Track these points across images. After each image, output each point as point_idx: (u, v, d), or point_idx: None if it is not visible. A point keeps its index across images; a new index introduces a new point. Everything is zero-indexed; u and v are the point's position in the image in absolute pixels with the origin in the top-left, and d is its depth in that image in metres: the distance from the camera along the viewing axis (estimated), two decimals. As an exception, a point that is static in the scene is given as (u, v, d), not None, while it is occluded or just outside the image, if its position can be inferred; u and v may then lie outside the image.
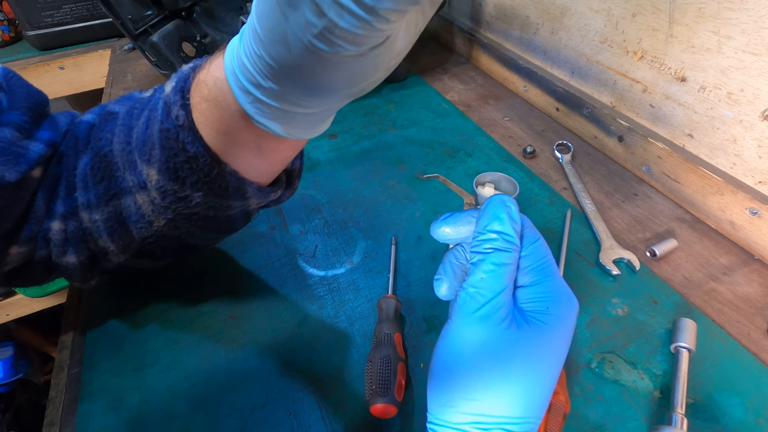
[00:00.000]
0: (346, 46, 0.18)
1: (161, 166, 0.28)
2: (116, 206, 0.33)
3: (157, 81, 0.86)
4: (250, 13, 0.21)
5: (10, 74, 0.35)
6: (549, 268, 0.24)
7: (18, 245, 0.34)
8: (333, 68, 0.20)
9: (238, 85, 0.24)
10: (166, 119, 0.27)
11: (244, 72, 0.23)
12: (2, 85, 0.34)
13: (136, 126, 0.30)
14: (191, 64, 0.29)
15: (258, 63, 0.22)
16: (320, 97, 0.23)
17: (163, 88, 0.29)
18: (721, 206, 0.45)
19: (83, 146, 0.34)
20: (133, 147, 0.30)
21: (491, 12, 0.78)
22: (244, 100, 0.24)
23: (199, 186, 0.29)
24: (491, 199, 0.25)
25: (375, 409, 0.31)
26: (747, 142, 0.43)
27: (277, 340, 0.39)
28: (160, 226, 0.33)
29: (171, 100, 0.27)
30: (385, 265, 0.45)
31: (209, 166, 0.28)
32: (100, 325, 0.42)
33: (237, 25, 0.58)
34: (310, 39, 0.18)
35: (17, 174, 0.31)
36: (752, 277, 0.42)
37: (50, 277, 0.38)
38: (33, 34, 1.06)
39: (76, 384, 0.37)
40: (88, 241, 0.35)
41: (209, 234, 0.36)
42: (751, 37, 0.39)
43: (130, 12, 0.72)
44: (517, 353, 0.22)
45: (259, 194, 0.31)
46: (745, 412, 0.32)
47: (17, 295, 1.15)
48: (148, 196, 0.31)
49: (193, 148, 0.27)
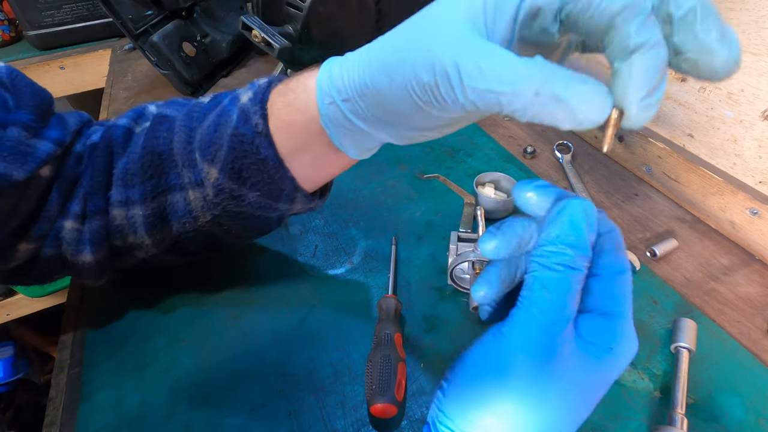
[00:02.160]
0: (455, 113, 0.22)
1: (225, 166, 0.32)
2: (161, 202, 0.35)
3: (157, 81, 0.86)
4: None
5: (15, 73, 0.35)
6: (627, 304, 0.21)
7: (27, 242, 0.35)
8: (430, 117, 0.24)
9: (328, 99, 0.27)
10: (243, 125, 0.31)
11: (339, 88, 0.26)
12: (7, 84, 0.34)
13: (200, 128, 0.33)
14: (266, 79, 0.32)
15: (359, 86, 0.25)
16: (405, 131, 0.26)
17: (236, 97, 0.33)
18: (722, 206, 0.45)
19: (121, 149, 0.36)
20: (194, 147, 0.33)
21: (491, 12, 0.78)
22: (328, 111, 0.27)
23: (258, 186, 0.32)
24: (570, 203, 0.21)
25: (375, 409, 0.31)
26: (747, 142, 0.43)
27: (277, 339, 0.39)
28: (206, 221, 0.36)
29: (250, 109, 0.31)
30: (385, 265, 0.45)
31: (274, 169, 0.31)
32: (100, 324, 0.42)
33: (237, 24, 0.58)
34: (423, 104, 0.22)
35: (25, 173, 0.32)
36: (752, 277, 0.42)
37: (53, 277, 0.38)
38: (33, 33, 1.06)
39: (77, 383, 0.37)
40: (116, 237, 0.36)
41: (245, 233, 0.39)
42: (751, 37, 0.39)
43: (130, 12, 0.72)
44: (565, 386, 0.20)
45: (305, 201, 0.35)
46: (745, 412, 0.32)
47: (17, 295, 1.15)
48: (202, 192, 0.34)
49: (266, 152, 0.31)
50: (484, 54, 0.20)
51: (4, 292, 1.15)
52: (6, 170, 0.31)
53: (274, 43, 0.55)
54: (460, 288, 0.41)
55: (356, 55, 0.25)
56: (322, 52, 0.64)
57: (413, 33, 0.23)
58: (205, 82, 0.83)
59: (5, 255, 0.34)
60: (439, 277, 0.43)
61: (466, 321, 0.39)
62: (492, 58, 0.20)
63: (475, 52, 0.20)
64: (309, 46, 0.62)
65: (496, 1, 0.21)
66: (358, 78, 0.25)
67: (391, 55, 0.23)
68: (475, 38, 0.20)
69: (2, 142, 0.31)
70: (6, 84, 0.34)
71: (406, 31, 0.23)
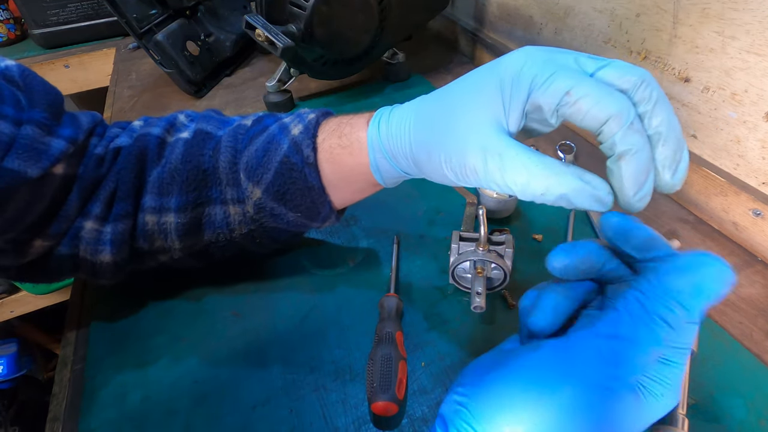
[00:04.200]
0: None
1: (270, 187, 0.35)
2: (199, 213, 0.38)
3: (161, 79, 0.87)
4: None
5: (26, 72, 0.35)
6: (686, 358, 0.21)
7: (43, 239, 0.35)
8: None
9: (378, 154, 0.32)
10: (294, 155, 0.34)
11: (387, 148, 0.31)
12: (19, 83, 0.34)
13: (246, 152, 0.36)
14: (314, 115, 0.36)
15: (403, 152, 0.30)
16: (439, 178, 0.29)
17: (285, 127, 0.36)
18: (725, 207, 0.45)
19: (155, 158, 0.38)
20: (239, 167, 0.37)
21: (495, 12, 0.78)
22: (377, 161, 0.32)
23: (300, 209, 0.36)
24: (714, 267, 0.20)
25: (376, 407, 0.31)
26: (751, 143, 0.43)
27: (278, 337, 0.39)
28: (241, 234, 0.39)
29: (302, 141, 0.34)
30: (386, 264, 0.45)
31: (317, 195, 0.35)
32: (103, 321, 0.42)
33: (240, 24, 0.58)
34: (453, 178, 0.27)
35: (40, 170, 0.32)
36: (755, 279, 0.42)
37: (62, 277, 0.39)
38: (38, 32, 1.06)
39: (80, 380, 0.37)
40: (142, 240, 0.37)
41: (274, 245, 0.42)
42: (756, 37, 0.39)
43: (134, 11, 0.72)
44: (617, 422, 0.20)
45: (335, 220, 0.38)
46: (746, 413, 0.32)
47: (21, 292, 1.16)
48: (242, 208, 0.38)
49: (313, 181, 0.35)
50: (506, 153, 0.23)
51: (7, 289, 1.15)
52: (21, 167, 0.31)
53: (277, 42, 0.55)
54: (462, 287, 0.41)
55: (401, 124, 0.30)
56: (325, 52, 0.64)
57: (448, 122, 0.26)
58: (209, 80, 0.83)
59: (20, 250, 0.35)
60: (441, 277, 0.43)
61: (467, 320, 0.39)
62: (511, 160, 0.23)
63: (497, 152, 0.23)
64: (312, 46, 0.62)
65: (511, 101, 0.24)
66: (402, 146, 0.30)
67: (430, 138, 0.27)
68: (499, 137, 0.24)
69: (17, 140, 0.31)
70: (18, 83, 0.34)
71: (442, 118, 0.27)
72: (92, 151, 0.37)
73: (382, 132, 0.31)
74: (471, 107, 0.25)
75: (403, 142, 0.30)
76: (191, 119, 0.41)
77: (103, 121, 0.40)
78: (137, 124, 0.40)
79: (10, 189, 0.31)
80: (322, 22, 0.60)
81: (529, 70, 0.23)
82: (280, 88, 0.72)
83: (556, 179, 0.22)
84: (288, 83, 0.73)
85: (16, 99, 0.33)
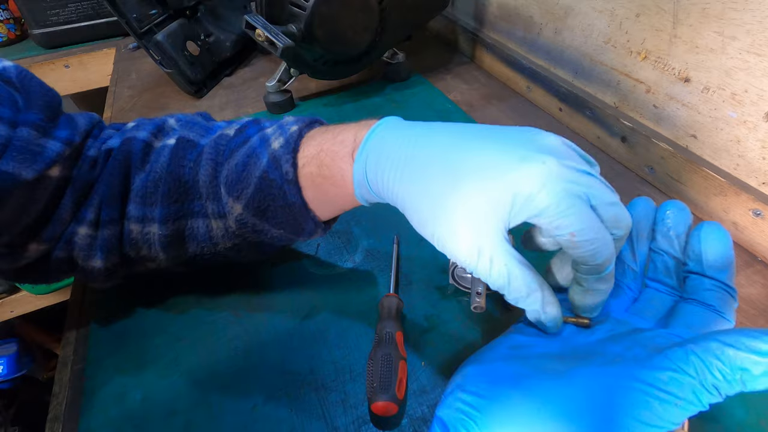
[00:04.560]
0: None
1: (250, 203, 0.33)
2: (181, 225, 0.36)
3: (161, 79, 0.87)
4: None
5: (24, 73, 0.35)
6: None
7: (38, 243, 0.35)
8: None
9: (363, 189, 0.30)
10: (273, 171, 0.32)
11: (373, 187, 0.29)
12: (16, 84, 0.34)
13: (226, 164, 0.35)
14: (296, 127, 0.34)
15: (390, 198, 0.29)
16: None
17: (266, 140, 0.34)
18: (725, 207, 0.45)
19: (139, 163, 0.36)
20: (220, 181, 0.35)
21: (495, 12, 0.78)
22: (362, 194, 0.30)
23: (282, 225, 0.34)
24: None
25: (376, 407, 0.31)
26: (751, 143, 0.43)
27: (278, 337, 0.39)
28: (225, 247, 0.37)
29: (281, 157, 0.32)
30: (387, 264, 0.45)
31: (299, 212, 0.33)
32: (103, 321, 0.42)
33: (240, 24, 0.58)
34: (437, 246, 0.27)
35: (34, 172, 0.32)
36: (755, 279, 0.42)
37: (61, 277, 0.39)
38: (38, 32, 1.06)
39: (80, 380, 0.37)
40: (129, 248, 0.37)
41: (261, 255, 0.41)
42: (756, 37, 0.39)
43: (135, 11, 0.72)
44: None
45: (321, 232, 0.36)
46: (746, 413, 0.32)
47: (21, 292, 1.16)
48: (224, 223, 0.36)
49: (294, 199, 0.32)
50: (496, 260, 0.24)
51: (7, 289, 1.15)
52: (15, 170, 0.31)
53: (277, 42, 0.55)
54: (462, 287, 0.41)
55: (393, 174, 0.27)
56: (326, 52, 0.64)
57: (447, 201, 0.25)
58: (209, 80, 0.83)
59: (15, 254, 0.35)
60: (441, 277, 0.43)
61: (467, 320, 0.39)
62: (499, 268, 0.24)
63: (490, 257, 0.24)
64: (312, 46, 0.62)
65: (518, 215, 0.24)
66: (392, 197, 0.28)
67: (424, 206, 0.26)
68: (497, 243, 0.24)
69: (12, 141, 0.31)
70: (15, 84, 0.34)
71: (441, 189, 0.26)
72: (86, 153, 0.37)
73: (370, 175, 0.29)
74: (476, 202, 0.24)
75: (392, 194, 0.28)
76: (180, 124, 0.40)
77: (101, 122, 0.40)
78: (130, 125, 0.40)
79: (4, 191, 0.31)
80: (323, 22, 0.60)
81: (544, 200, 0.23)
82: (280, 88, 0.72)
83: (525, 299, 0.25)
84: (288, 83, 0.73)
85: (12, 100, 0.32)
